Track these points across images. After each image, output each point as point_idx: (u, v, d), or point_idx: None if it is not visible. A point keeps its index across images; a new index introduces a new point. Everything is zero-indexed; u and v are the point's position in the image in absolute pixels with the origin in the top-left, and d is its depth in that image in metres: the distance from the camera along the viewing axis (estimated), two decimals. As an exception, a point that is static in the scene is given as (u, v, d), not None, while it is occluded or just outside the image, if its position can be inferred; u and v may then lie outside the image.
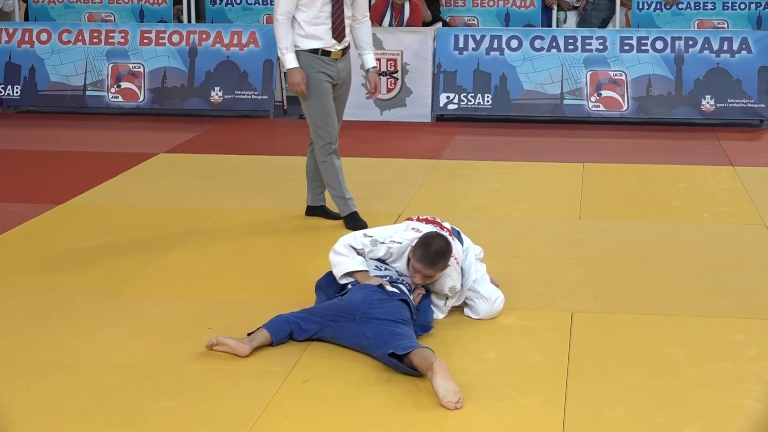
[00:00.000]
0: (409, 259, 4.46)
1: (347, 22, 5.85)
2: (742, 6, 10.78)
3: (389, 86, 9.57)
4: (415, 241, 4.45)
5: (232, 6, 11.28)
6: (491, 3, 11.06)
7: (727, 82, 9.19)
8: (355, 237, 4.54)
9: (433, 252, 4.36)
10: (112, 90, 9.92)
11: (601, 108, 9.31)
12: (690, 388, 3.91)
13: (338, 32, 5.79)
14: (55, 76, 9.99)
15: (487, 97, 9.40)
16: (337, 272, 4.46)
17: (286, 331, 4.23)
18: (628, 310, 4.73)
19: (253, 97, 9.78)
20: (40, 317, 4.65)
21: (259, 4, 11.28)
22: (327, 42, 5.79)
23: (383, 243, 4.51)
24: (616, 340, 4.38)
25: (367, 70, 6.07)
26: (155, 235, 5.89)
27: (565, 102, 9.39)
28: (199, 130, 9.21)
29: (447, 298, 4.54)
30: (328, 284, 4.55)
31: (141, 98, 9.90)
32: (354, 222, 5.89)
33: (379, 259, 4.54)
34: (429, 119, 9.48)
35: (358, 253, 4.49)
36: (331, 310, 4.27)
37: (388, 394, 3.85)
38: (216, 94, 9.81)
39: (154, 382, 3.95)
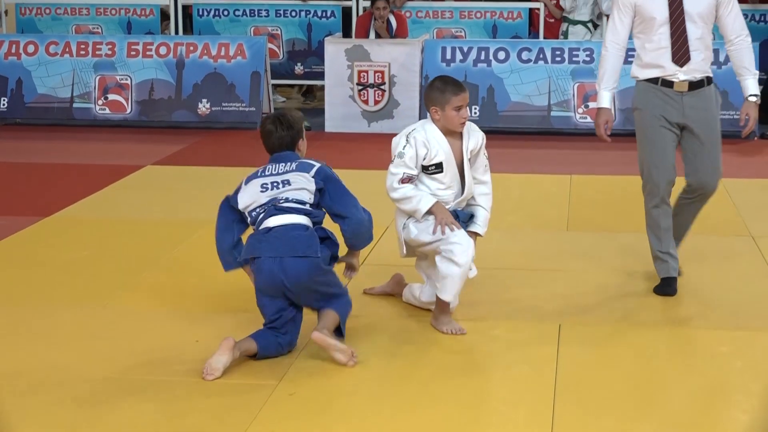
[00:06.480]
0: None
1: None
2: (729, 18, 10.84)
3: (376, 98, 9.59)
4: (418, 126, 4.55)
5: (220, 18, 11.28)
6: (478, 15, 11.10)
7: (714, 93, 9.21)
8: (396, 170, 4.53)
9: (450, 79, 4.53)
10: (99, 102, 9.91)
11: (589, 119, 9.33)
12: (677, 400, 3.92)
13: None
14: (42, 88, 9.97)
15: (475, 108, 9.42)
16: (421, 214, 4.46)
17: (273, 352, 4.21)
18: (616, 321, 4.74)
19: (240, 108, 9.79)
20: (25, 330, 4.63)
21: (247, 16, 11.28)
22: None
23: (408, 144, 4.50)
24: (604, 352, 4.39)
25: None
26: (142, 248, 5.88)
27: (553, 114, 9.42)
28: (187, 142, 9.21)
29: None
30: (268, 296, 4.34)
31: (128, 110, 9.89)
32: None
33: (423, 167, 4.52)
34: (417, 131, 9.48)
35: (410, 180, 4.48)
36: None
37: (375, 406, 3.84)
38: (203, 106, 9.81)
39: (141, 395, 3.93)
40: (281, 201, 4.20)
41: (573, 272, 5.43)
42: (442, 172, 4.49)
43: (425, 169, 4.50)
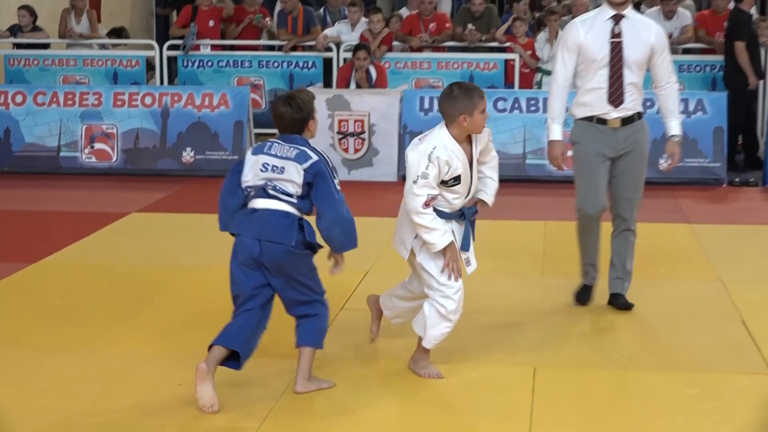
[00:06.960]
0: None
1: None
2: (698, 68, 11.10)
3: (356, 146, 9.76)
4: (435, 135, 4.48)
5: (204, 68, 11.48)
6: (455, 65, 11.33)
7: (684, 142, 9.38)
8: (421, 192, 4.40)
9: (468, 84, 4.55)
10: (86, 151, 10.05)
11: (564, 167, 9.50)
12: (646, 440, 4.00)
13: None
14: (30, 138, 10.10)
15: (453, 157, 9.57)
16: (436, 249, 4.47)
17: (251, 345, 4.36)
18: (589, 364, 4.84)
19: (223, 157, 9.93)
20: (12, 375, 4.68)
21: (230, 67, 11.49)
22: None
23: (431, 163, 4.39)
24: (578, 395, 4.49)
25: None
26: (127, 293, 5.95)
27: (528, 162, 9.61)
28: (171, 189, 9.32)
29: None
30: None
31: (114, 159, 10.02)
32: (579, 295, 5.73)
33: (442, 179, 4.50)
34: (395, 179, 9.64)
35: (433, 200, 4.44)
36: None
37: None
38: (187, 155, 9.96)
39: (127, 438, 4.00)
40: (269, 188, 4.37)
41: (547, 316, 5.54)
42: (460, 183, 4.52)
43: (444, 182, 4.48)
